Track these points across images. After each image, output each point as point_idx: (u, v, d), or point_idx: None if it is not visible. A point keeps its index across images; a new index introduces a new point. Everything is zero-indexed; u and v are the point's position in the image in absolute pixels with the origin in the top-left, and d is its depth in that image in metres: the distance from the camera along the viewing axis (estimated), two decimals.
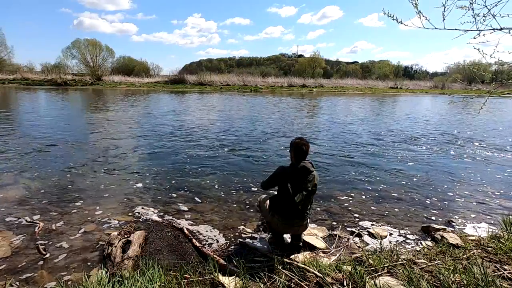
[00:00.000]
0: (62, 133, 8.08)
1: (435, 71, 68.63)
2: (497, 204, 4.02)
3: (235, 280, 2.05)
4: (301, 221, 2.65)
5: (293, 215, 2.60)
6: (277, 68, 61.84)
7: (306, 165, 2.61)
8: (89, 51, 40.43)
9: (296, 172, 2.59)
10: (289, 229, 2.71)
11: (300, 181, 2.57)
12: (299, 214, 2.60)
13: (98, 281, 2.00)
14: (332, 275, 2.01)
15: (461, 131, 10.12)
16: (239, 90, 33.69)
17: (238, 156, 6.16)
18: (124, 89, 30.88)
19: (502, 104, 23.57)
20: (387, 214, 3.67)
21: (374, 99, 26.62)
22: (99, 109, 13.77)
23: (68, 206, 3.62)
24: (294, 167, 2.62)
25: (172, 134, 8.37)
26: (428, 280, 1.90)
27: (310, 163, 2.67)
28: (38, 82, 33.86)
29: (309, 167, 2.61)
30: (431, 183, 4.77)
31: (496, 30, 2.16)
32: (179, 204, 3.81)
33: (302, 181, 2.57)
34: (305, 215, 2.64)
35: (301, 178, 2.58)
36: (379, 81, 47.01)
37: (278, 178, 2.66)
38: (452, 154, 6.76)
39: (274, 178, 2.71)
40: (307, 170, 2.59)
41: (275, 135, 8.57)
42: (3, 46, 38.93)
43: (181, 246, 2.81)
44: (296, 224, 2.65)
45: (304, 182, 2.57)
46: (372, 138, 8.51)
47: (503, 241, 2.57)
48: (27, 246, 2.76)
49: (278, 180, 2.67)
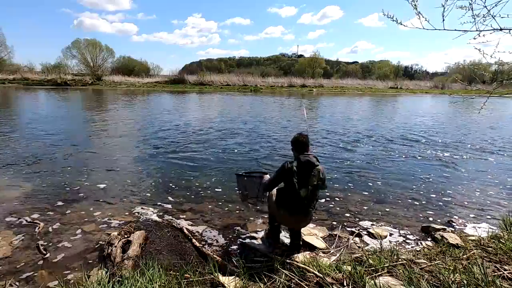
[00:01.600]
0: (62, 133, 8.08)
1: (435, 71, 68.48)
2: (497, 204, 4.02)
3: (235, 280, 2.06)
4: (305, 216, 2.65)
5: (298, 210, 2.59)
6: (277, 68, 61.73)
7: (311, 159, 2.59)
8: (89, 51, 40.35)
9: (301, 166, 2.57)
10: (293, 223, 2.72)
11: (305, 175, 2.55)
12: (304, 209, 2.59)
13: (98, 281, 2.00)
14: (332, 275, 2.01)
15: (461, 132, 10.12)
16: (239, 90, 33.68)
17: (239, 156, 6.16)
18: (124, 89, 30.87)
19: (502, 105, 23.56)
20: (387, 214, 3.67)
21: (374, 99, 26.62)
22: (99, 109, 13.76)
23: (68, 206, 3.62)
24: (298, 161, 2.60)
25: (172, 134, 8.37)
26: (428, 280, 1.90)
27: (315, 157, 2.65)
28: (38, 82, 33.81)
29: (314, 161, 2.59)
30: (431, 183, 4.77)
31: (496, 30, 2.16)
32: (179, 204, 3.81)
33: (307, 175, 2.55)
34: (310, 210, 2.64)
35: (306, 172, 2.55)
36: (379, 81, 46.91)
37: (282, 176, 2.64)
38: (452, 154, 6.76)
39: (278, 178, 2.68)
40: (312, 164, 2.57)
41: (275, 135, 8.58)
42: (3, 46, 38.86)
43: (181, 246, 2.81)
44: (300, 219, 2.66)
45: (310, 176, 2.54)
46: (372, 138, 8.51)
47: (503, 241, 2.57)
48: (27, 246, 2.76)
49: (282, 178, 2.64)
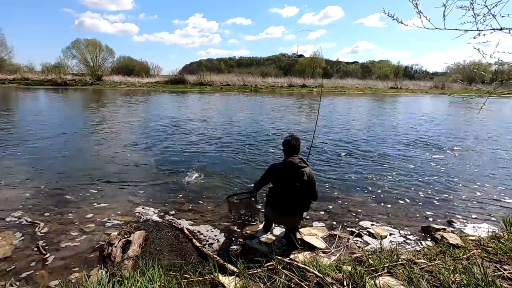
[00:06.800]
0: (62, 133, 8.08)
1: (435, 71, 68.39)
2: (497, 204, 4.02)
3: (235, 280, 2.05)
4: (289, 215, 2.73)
5: (280, 209, 2.72)
6: (277, 68, 61.64)
7: (294, 160, 2.67)
8: (89, 51, 40.38)
9: (285, 168, 2.69)
10: (277, 220, 2.89)
11: (289, 176, 2.64)
12: (286, 208, 2.69)
13: (98, 281, 2.00)
14: (332, 275, 2.00)
15: (461, 132, 10.11)
16: (239, 90, 33.67)
17: (239, 157, 6.16)
18: (124, 89, 30.86)
19: (503, 104, 23.55)
20: (387, 214, 3.67)
21: (374, 99, 26.60)
22: (99, 109, 13.76)
23: (68, 206, 3.62)
24: (283, 163, 2.75)
25: (172, 134, 8.37)
26: (428, 280, 1.89)
27: (300, 159, 2.72)
28: (38, 82, 33.81)
29: (297, 163, 2.66)
30: (431, 183, 4.77)
31: (496, 30, 2.16)
32: (179, 204, 3.81)
33: (289, 176, 2.64)
34: (294, 210, 2.70)
35: (289, 174, 2.65)
36: (379, 81, 46.87)
37: (269, 176, 2.81)
38: (452, 154, 6.75)
39: (265, 177, 2.86)
40: (294, 165, 2.65)
41: (276, 136, 8.57)
42: (3, 46, 38.90)
43: (181, 246, 2.81)
44: (285, 218, 2.77)
45: (293, 178, 2.62)
46: (372, 138, 8.51)
47: (503, 241, 2.56)
48: (27, 246, 2.76)
49: (269, 178, 2.81)
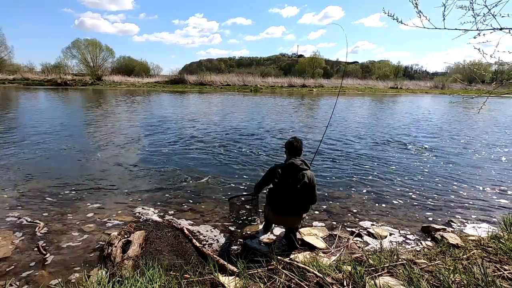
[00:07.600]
0: (62, 133, 8.08)
1: (435, 71, 68.38)
2: (497, 204, 4.02)
3: (235, 280, 2.05)
4: (289, 216, 2.73)
5: (280, 209, 2.72)
6: (277, 68, 61.65)
7: (296, 162, 2.67)
8: (89, 51, 40.31)
9: (285, 169, 2.68)
10: (278, 220, 2.88)
11: (288, 178, 2.64)
12: (286, 209, 2.69)
13: (98, 281, 2.00)
14: (332, 275, 2.00)
15: (461, 132, 10.11)
16: (239, 90, 33.66)
17: (239, 157, 6.16)
18: (124, 89, 30.85)
19: (502, 104, 23.54)
20: (387, 214, 3.67)
21: (374, 99, 26.59)
22: (99, 109, 13.75)
23: (68, 206, 3.62)
24: (284, 165, 2.74)
25: (172, 134, 8.37)
26: (428, 280, 1.89)
27: (302, 161, 2.72)
28: (38, 82, 33.79)
29: (298, 164, 2.66)
30: (431, 183, 4.77)
31: (496, 30, 2.16)
32: (179, 204, 3.81)
33: (289, 178, 2.64)
34: (293, 210, 2.71)
35: (289, 175, 2.65)
36: (379, 81, 46.83)
37: (270, 177, 2.80)
38: (452, 154, 6.75)
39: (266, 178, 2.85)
40: (295, 167, 2.65)
41: (276, 136, 8.57)
42: (3, 46, 38.80)
43: (181, 246, 2.81)
44: (283, 218, 2.78)
45: (293, 180, 2.62)
46: (372, 138, 8.51)
47: (503, 241, 2.57)
48: (27, 246, 2.76)
49: (270, 178, 2.80)
